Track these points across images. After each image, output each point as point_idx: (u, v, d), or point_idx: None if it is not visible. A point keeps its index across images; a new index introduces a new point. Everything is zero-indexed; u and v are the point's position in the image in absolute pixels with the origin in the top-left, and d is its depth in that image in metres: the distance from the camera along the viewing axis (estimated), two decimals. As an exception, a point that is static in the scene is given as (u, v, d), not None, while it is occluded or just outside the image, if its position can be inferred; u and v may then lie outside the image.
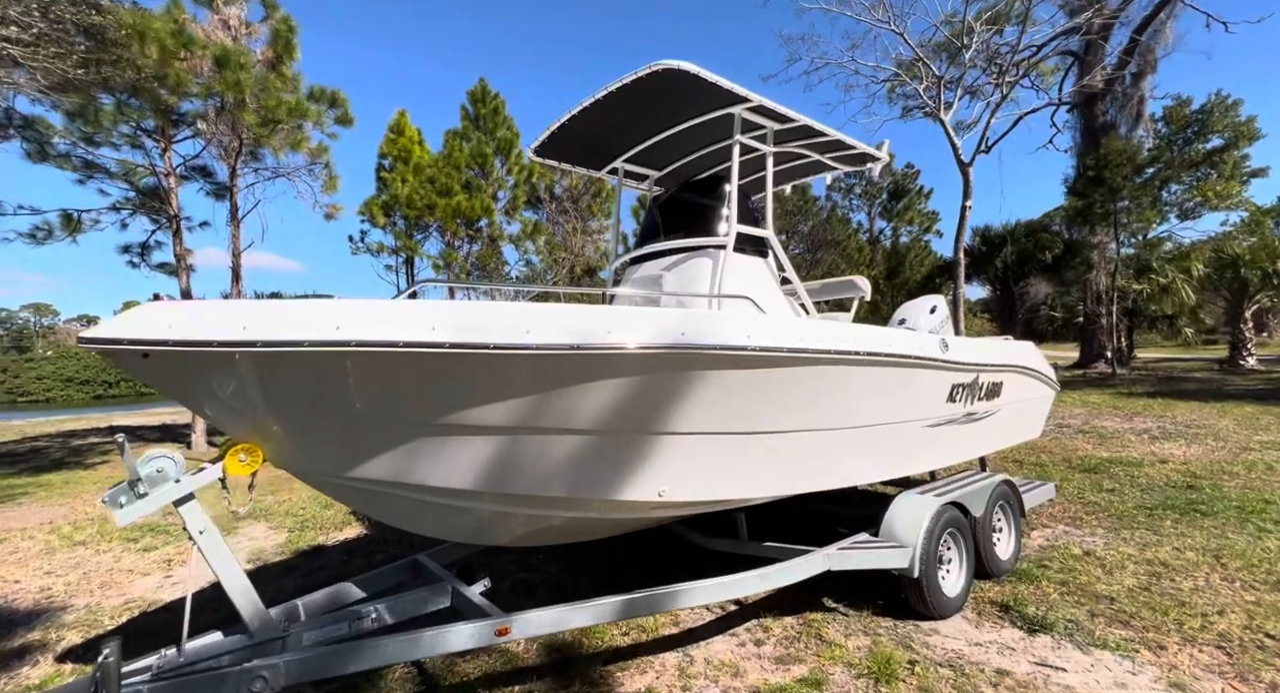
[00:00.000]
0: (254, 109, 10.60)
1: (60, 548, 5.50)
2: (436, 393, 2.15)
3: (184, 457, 2.18)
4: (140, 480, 1.99)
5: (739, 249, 3.61)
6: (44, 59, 5.81)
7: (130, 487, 1.99)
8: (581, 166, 4.48)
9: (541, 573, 4.32)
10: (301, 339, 1.90)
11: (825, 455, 3.16)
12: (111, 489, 1.99)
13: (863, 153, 4.23)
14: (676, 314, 2.47)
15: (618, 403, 2.38)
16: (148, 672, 2.07)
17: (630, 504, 2.67)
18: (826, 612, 3.53)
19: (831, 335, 2.84)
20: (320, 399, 2.09)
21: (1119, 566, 4.04)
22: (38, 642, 3.48)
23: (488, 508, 2.53)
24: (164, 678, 2.01)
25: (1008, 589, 3.73)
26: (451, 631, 2.31)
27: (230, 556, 2.20)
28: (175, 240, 13.60)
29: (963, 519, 3.62)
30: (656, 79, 3.13)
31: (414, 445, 2.26)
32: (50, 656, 3.33)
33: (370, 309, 2.01)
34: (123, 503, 1.97)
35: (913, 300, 5.20)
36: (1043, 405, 5.19)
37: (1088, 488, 6.07)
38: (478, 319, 2.08)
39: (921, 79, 13.60)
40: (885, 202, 34.34)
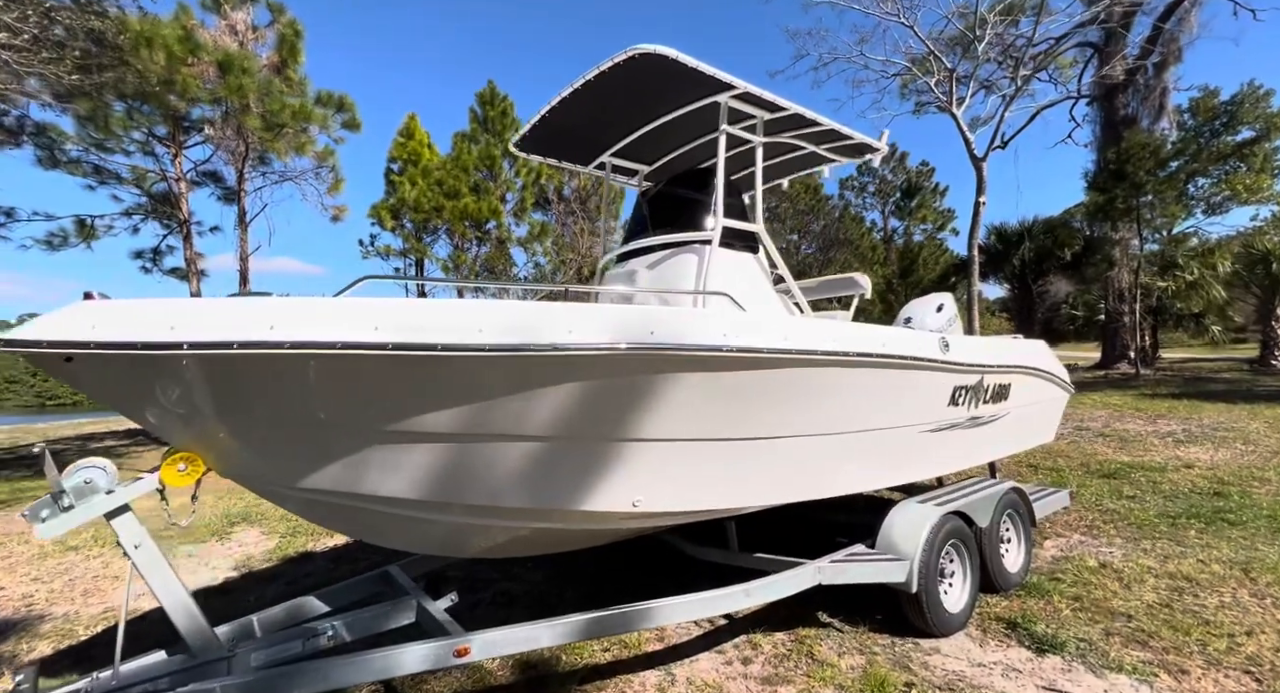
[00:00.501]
0: (258, 114, 10.64)
1: (52, 553, 5.48)
2: (381, 397, 2.01)
3: (117, 467, 2.07)
4: (65, 492, 1.88)
5: (727, 245, 3.43)
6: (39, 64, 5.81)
7: (54, 499, 1.87)
8: (568, 162, 4.33)
9: (525, 583, 4.17)
10: (231, 340, 1.77)
11: (815, 462, 2.97)
12: (34, 502, 1.88)
13: (860, 143, 4.03)
14: (645, 312, 2.31)
15: (580, 407, 2.23)
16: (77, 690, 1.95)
17: (601, 515, 2.51)
18: (820, 627, 3.33)
19: (819, 335, 2.66)
20: (258, 404, 1.96)
21: (1138, 579, 3.78)
22: (7, 653, 3.41)
23: (446, 519, 2.39)
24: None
25: (1016, 605, 3.50)
26: (405, 651, 2.17)
27: (169, 570, 2.08)
28: (186, 245, 13.74)
29: (966, 530, 3.40)
30: (634, 66, 2.97)
31: (361, 454, 2.13)
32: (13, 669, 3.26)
33: (308, 308, 1.87)
34: (44, 516, 1.86)
35: (919, 299, 4.98)
36: (1055, 408, 4.93)
37: (1106, 494, 5.78)
38: (423, 318, 1.93)
39: (933, 73, 13.27)
40: (899, 200, 33.82)
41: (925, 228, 34.57)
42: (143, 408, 1.96)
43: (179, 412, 1.94)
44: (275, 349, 1.78)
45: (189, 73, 10.16)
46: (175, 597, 2.07)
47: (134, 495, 2.01)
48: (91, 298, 1.79)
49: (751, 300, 3.41)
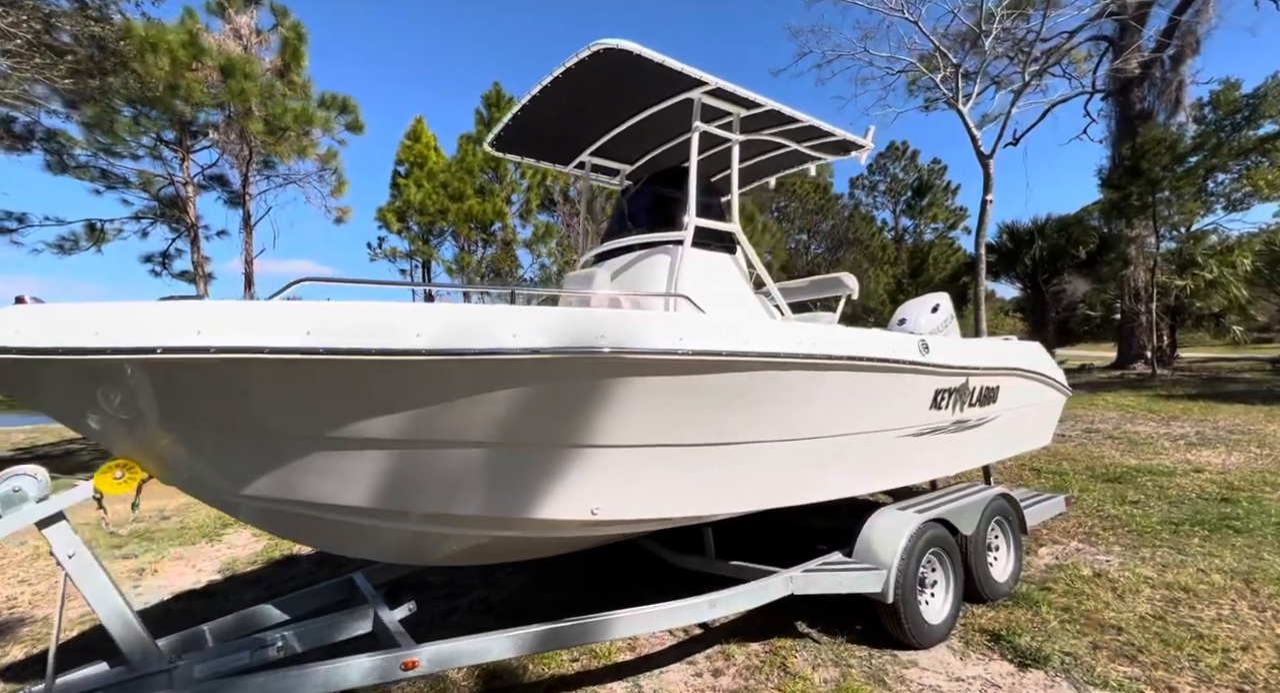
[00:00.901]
0: (261, 118, 10.72)
1: (44, 555, 5.51)
2: (319, 403, 1.96)
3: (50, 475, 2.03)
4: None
5: (703, 244, 3.35)
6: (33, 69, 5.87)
7: (-17, 506, 1.84)
8: (546, 161, 4.27)
9: (505, 589, 4.12)
10: (156, 345, 1.72)
11: (786, 469, 2.88)
12: None
13: (843, 140, 3.93)
14: (595, 315, 2.24)
15: (528, 413, 2.16)
16: None
17: (558, 524, 2.44)
18: (797, 638, 3.24)
19: (784, 337, 2.57)
20: (191, 411, 1.92)
21: (1133, 589, 3.64)
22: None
23: (398, 527, 2.33)
24: None
25: (1002, 616, 3.37)
26: (350, 664, 2.12)
27: (105, 580, 2.04)
28: (193, 248, 13.89)
29: (949, 538, 3.29)
30: (599, 62, 2.90)
31: (304, 460, 2.08)
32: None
33: (239, 312, 1.83)
34: (-29, 525, 1.83)
35: (914, 299, 4.86)
36: (1050, 411, 4.78)
37: (1109, 500, 5.60)
38: (359, 322, 1.88)
39: (939, 69, 13.05)
40: (909, 198, 33.42)
41: (937, 227, 34.13)
42: (74, 414, 1.93)
43: (110, 418, 1.90)
44: (201, 354, 1.74)
45: (193, 77, 10.27)
46: (111, 607, 2.03)
47: (67, 504, 1.97)
48: (23, 302, 1.76)
49: (726, 302, 3.34)
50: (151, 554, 5.33)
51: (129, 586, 4.63)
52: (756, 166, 4.57)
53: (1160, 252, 17.91)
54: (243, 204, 12.64)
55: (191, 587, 4.51)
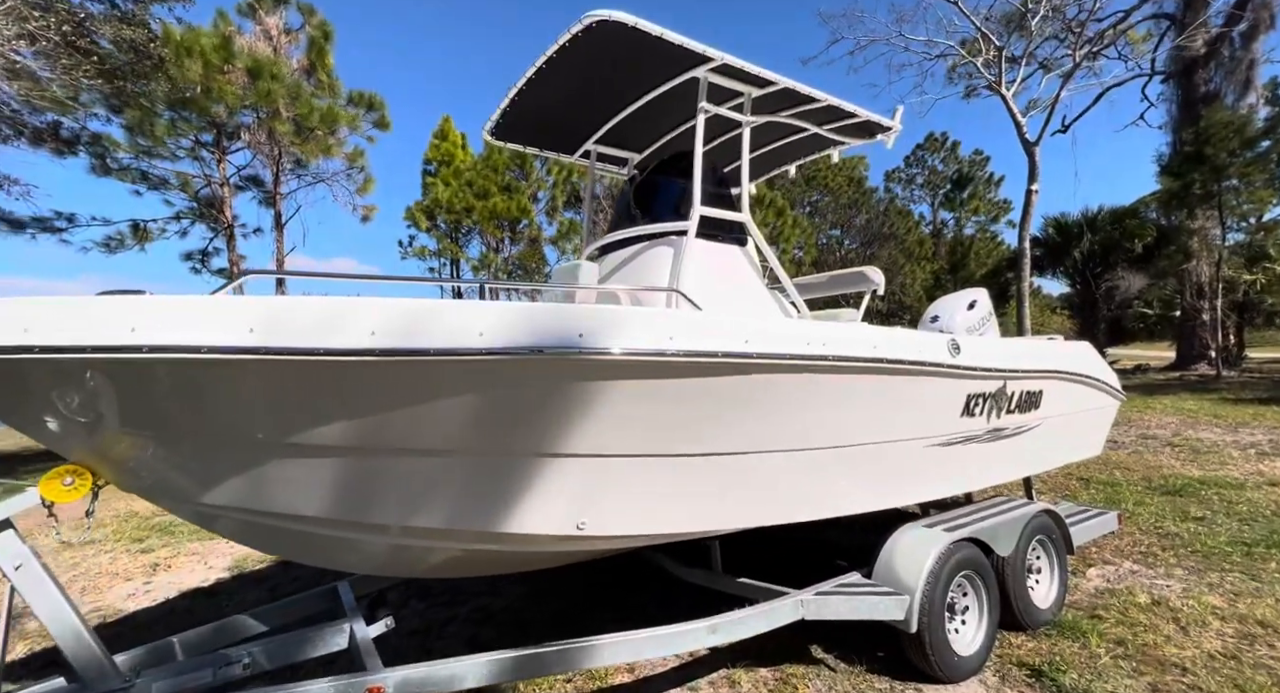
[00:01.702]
0: (288, 118, 10.89)
1: (72, 547, 5.63)
2: (267, 407, 1.80)
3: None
4: (-69, 508, 1.75)
5: (711, 236, 3.10)
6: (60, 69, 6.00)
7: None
8: (550, 150, 4.07)
9: (506, 597, 3.95)
10: (86, 344, 1.58)
11: (796, 481, 2.60)
12: None
13: (868, 121, 3.60)
14: (572, 311, 2.02)
15: (499, 419, 1.96)
16: None
17: (540, 538, 2.24)
18: (811, 664, 2.96)
19: (791, 337, 2.30)
20: (136, 415, 1.78)
21: (1199, 621, 3.23)
22: None
23: (364, 539, 2.16)
24: None
25: (1045, 647, 3.02)
26: (308, 690, 1.96)
27: (57, 593, 1.92)
28: (229, 246, 14.27)
29: (983, 560, 2.96)
30: (595, 38, 2.68)
31: (259, 468, 1.92)
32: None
33: (178, 308, 1.67)
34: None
35: (949, 295, 4.49)
36: (1102, 418, 4.34)
37: (1169, 515, 5.10)
38: (307, 318, 1.70)
39: (981, 52, 12.34)
40: (949, 190, 32.15)
41: (979, 220, 32.75)
42: (18, 417, 1.81)
43: (53, 422, 1.78)
44: (133, 354, 1.59)
45: (224, 81, 10.49)
46: (63, 622, 1.91)
47: (12, 512, 1.86)
48: None
49: (734, 297, 3.08)
50: (169, 549, 5.38)
51: (142, 581, 4.66)
52: (775, 152, 4.27)
53: (1227, 244, 16.65)
54: (274, 203, 12.92)
55: (199, 584, 4.50)
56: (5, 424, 1.94)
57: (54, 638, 1.93)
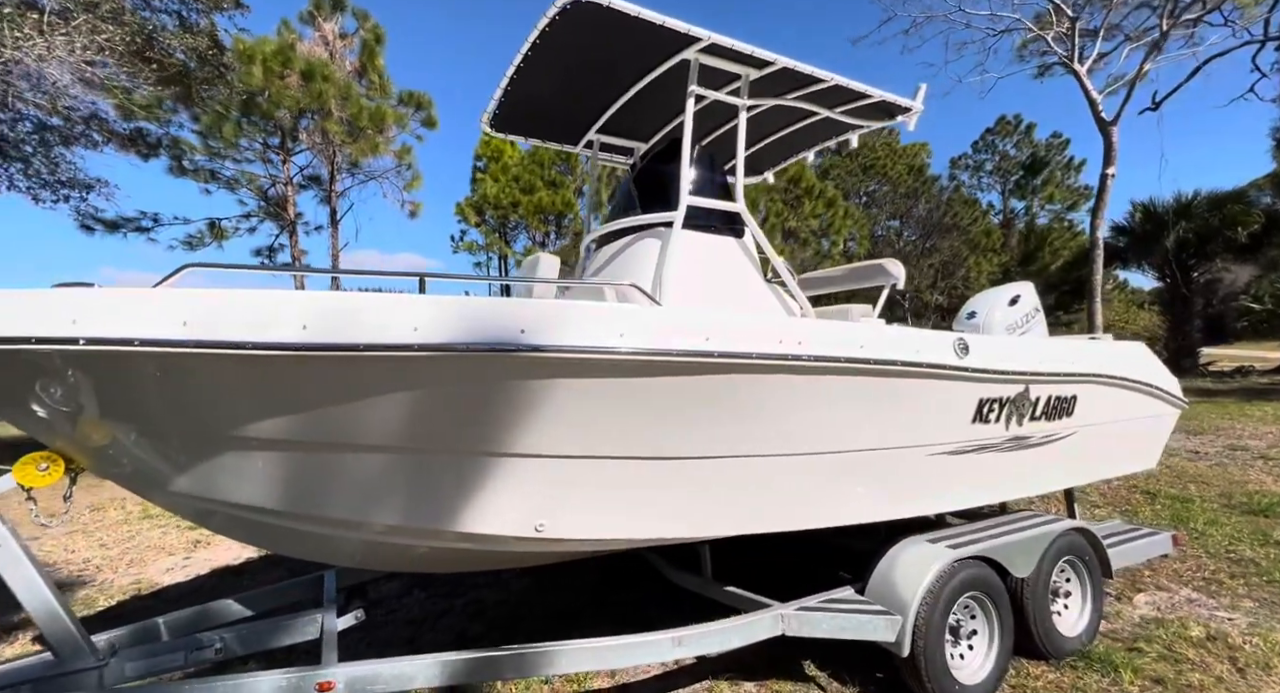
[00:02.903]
0: (339, 118, 11.36)
1: (132, 521, 6.10)
2: (207, 399, 1.82)
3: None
4: (-87, 489, 1.87)
5: (703, 227, 2.95)
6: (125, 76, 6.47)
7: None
8: (552, 141, 4.00)
9: (504, 591, 3.96)
10: (29, 335, 1.63)
11: (779, 489, 2.43)
12: None
13: (883, 102, 3.32)
14: (515, 305, 1.94)
15: (440, 416, 1.91)
16: None
17: (499, 539, 2.18)
18: (801, 682, 2.79)
19: (760, 335, 2.13)
20: (88, 405, 1.84)
21: (1261, 663, 2.82)
22: (30, 618, 3.72)
23: (324, 533, 2.17)
24: None
25: (1068, 680, 2.72)
26: (260, 680, 1.98)
27: (34, 572, 2.01)
28: (292, 242, 15.10)
29: (995, 581, 2.69)
30: (573, 21, 2.57)
31: (212, 459, 1.95)
32: (32, 633, 3.53)
33: (118, 300, 1.70)
34: (-109, 512, 1.85)
35: (990, 289, 4.13)
36: (1157, 427, 3.86)
37: (1245, 538, 4.53)
38: (240, 311, 1.70)
39: (1052, 26, 11.32)
40: (1020, 177, 30.03)
41: (1054, 208, 30.44)
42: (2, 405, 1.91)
43: (19, 409, 1.86)
44: (70, 345, 1.63)
45: (281, 85, 11.05)
46: (39, 600, 2.01)
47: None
48: None
49: (726, 290, 2.92)
50: (212, 528, 5.73)
51: (182, 556, 4.97)
52: (790, 137, 4.04)
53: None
54: (329, 201, 13.56)
55: (230, 563, 4.75)
56: (-11, 412, 2.06)
57: (30, 615, 2.04)
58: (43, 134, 9.12)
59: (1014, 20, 11.31)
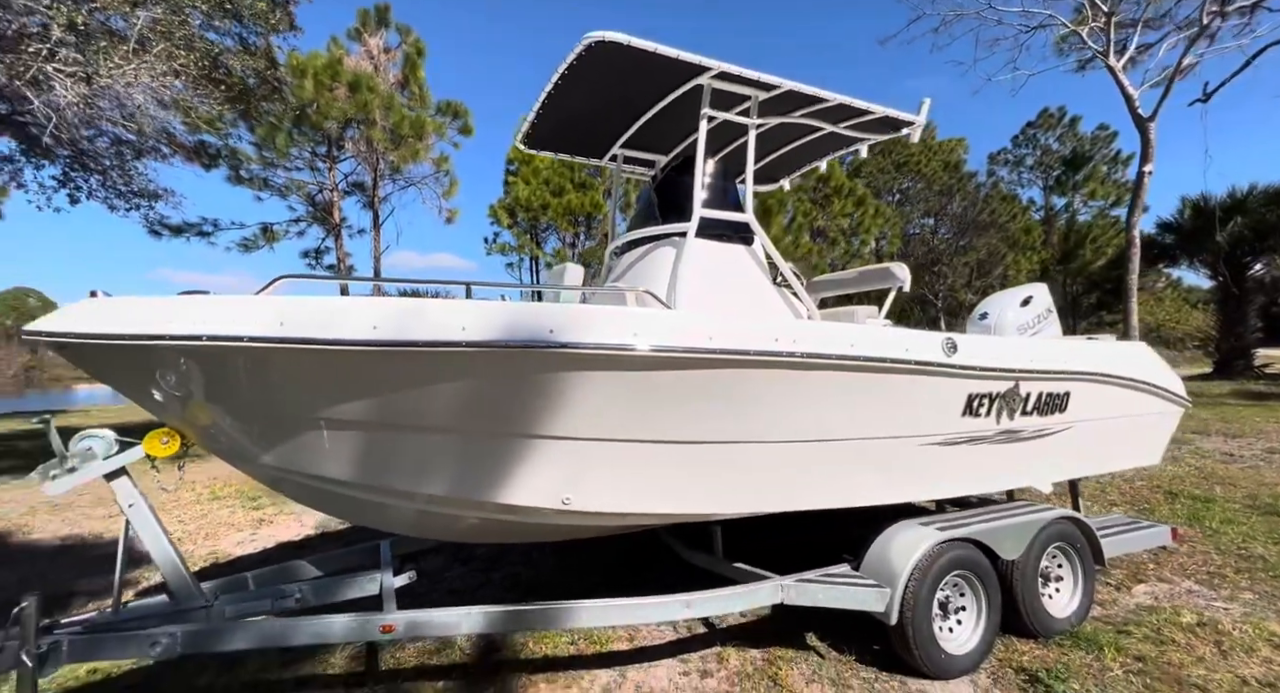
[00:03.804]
0: (382, 127, 12.02)
1: (202, 502, 6.72)
2: (296, 386, 2.21)
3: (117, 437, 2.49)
4: (69, 457, 2.32)
5: (716, 236, 3.25)
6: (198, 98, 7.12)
7: (60, 462, 2.32)
8: (580, 156, 4.35)
9: (537, 569, 4.33)
10: (164, 333, 2.05)
11: (775, 473, 2.72)
12: (44, 463, 2.33)
13: (887, 118, 3.55)
14: (545, 308, 2.28)
15: (483, 402, 2.27)
16: (80, 625, 2.40)
17: (530, 510, 2.53)
18: (801, 650, 3.07)
19: (758, 335, 2.42)
20: (203, 390, 2.26)
21: (1246, 647, 2.97)
22: (129, 581, 4.27)
23: (384, 502, 2.56)
24: (88, 632, 2.31)
25: (1053, 655, 2.93)
26: (335, 621, 2.38)
27: (158, 528, 2.46)
28: (338, 245, 15.91)
29: (983, 562, 2.91)
30: (598, 56, 2.90)
31: (297, 437, 2.35)
32: (130, 593, 4.06)
33: (229, 305, 2.11)
34: (54, 475, 2.30)
35: (1004, 290, 4.32)
36: (1157, 424, 3.97)
37: (1260, 536, 4.57)
38: (321, 313, 2.09)
39: (1088, 19, 11.12)
40: (1061, 173, 29.13)
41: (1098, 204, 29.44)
42: (128, 389, 2.35)
43: (150, 392, 2.29)
44: (195, 341, 2.04)
45: (329, 97, 11.76)
46: (163, 553, 2.45)
47: (126, 462, 2.41)
48: (96, 295, 2.17)
49: (737, 295, 3.21)
50: (274, 508, 6.29)
51: (249, 532, 5.51)
52: (801, 149, 4.29)
53: None
54: (372, 206, 14.29)
55: (291, 539, 5.26)
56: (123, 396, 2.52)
57: (156, 563, 2.48)
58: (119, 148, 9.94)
59: (1047, 16, 11.17)
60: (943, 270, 22.67)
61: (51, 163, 10.13)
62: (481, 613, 2.46)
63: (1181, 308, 35.62)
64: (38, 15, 5.84)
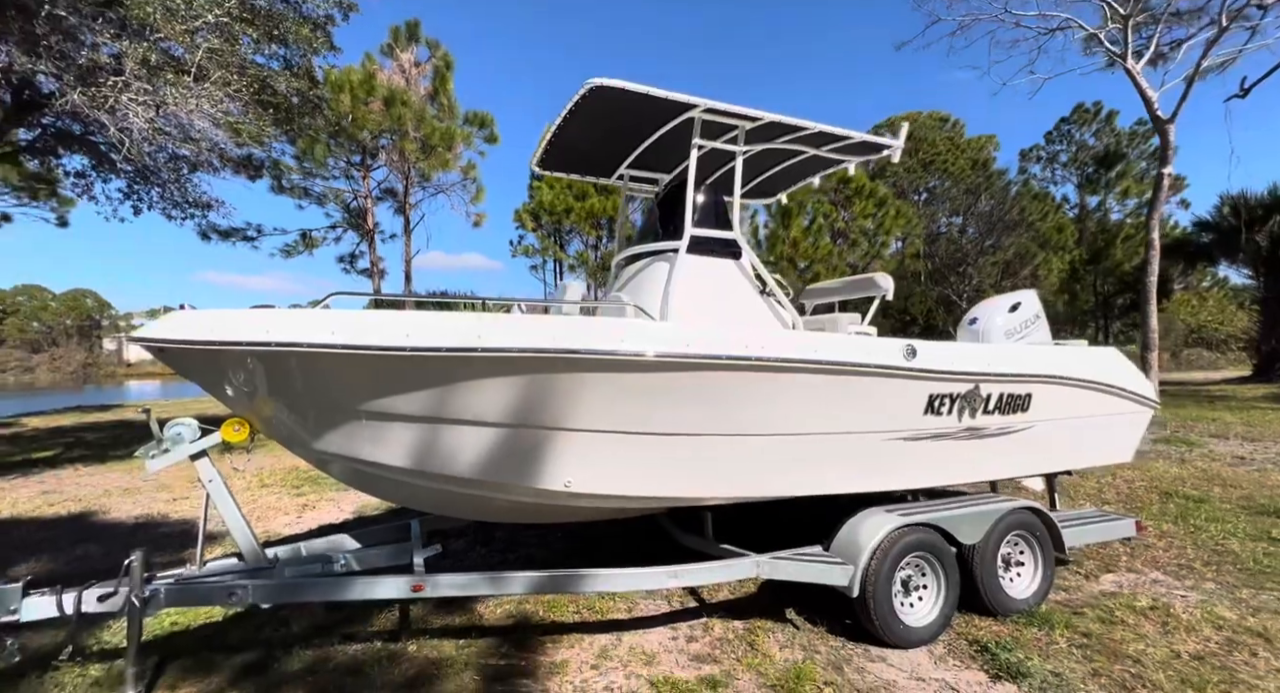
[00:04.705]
0: (415, 138, 12.69)
1: (252, 489, 7.36)
2: (344, 383, 2.69)
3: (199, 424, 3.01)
4: (164, 441, 2.84)
5: (705, 251, 3.63)
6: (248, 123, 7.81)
7: (157, 445, 2.85)
8: (590, 175, 4.78)
9: (549, 551, 4.77)
10: (239, 340, 2.55)
11: (756, 462, 3.09)
12: (144, 447, 2.86)
13: (865, 142, 3.89)
14: (547, 320, 2.70)
15: (506, 399, 2.70)
16: (173, 577, 2.92)
17: (541, 492, 2.96)
18: (780, 622, 3.43)
19: (729, 341, 2.81)
20: (268, 386, 2.75)
21: (1191, 628, 3.23)
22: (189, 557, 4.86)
23: (419, 484, 3.02)
24: (179, 584, 2.83)
25: (1005, 630, 3.24)
26: (378, 582, 2.86)
27: (232, 501, 2.98)
28: (371, 250, 16.71)
29: (942, 545, 3.24)
30: (598, 97, 3.32)
31: (346, 426, 2.83)
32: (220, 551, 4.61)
33: (291, 317, 2.60)
34: (152, 455, 2.83)
35: (992, 298, 4.61)
36: (1126, 424, 4.19)
37: (1240, 534, 4.75)
38: (365, 324, 2.56)
39: (1107, 22, 11.08)
40: (1091, 171, 28.47)
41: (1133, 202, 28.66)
42: (212, 385, 2.86)
43: (226, 388, 2.80)
44: (264, 347, 2.53)
45: (365, 111, 12.48)
46: (237, 523, 2.97)
47: (206, 446, 2.93)
48: (184, 308, 2.69)
49: (725, 305, 3.59)
50: (315, 495, 6.90)
51: (295, 515, 6.10)
52: (792, 169, 4.64)
53: None
54: (403, 212, 15.03)
55: (331, 521, 5.83)
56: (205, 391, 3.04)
57: (230, 530, 3.00)
58: (176, 163, 10.78)
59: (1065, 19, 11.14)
60: (968, 271, 22.45)
61: (117, 177, 11.06)
62: (496, 578, 2.91)
63: (1226, 308, 34.31)
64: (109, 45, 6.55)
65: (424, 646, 3.24)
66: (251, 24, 8.08)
